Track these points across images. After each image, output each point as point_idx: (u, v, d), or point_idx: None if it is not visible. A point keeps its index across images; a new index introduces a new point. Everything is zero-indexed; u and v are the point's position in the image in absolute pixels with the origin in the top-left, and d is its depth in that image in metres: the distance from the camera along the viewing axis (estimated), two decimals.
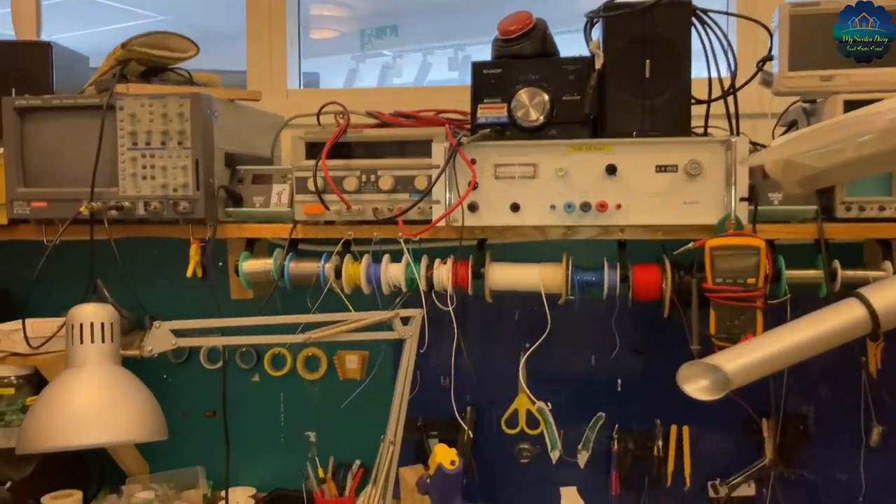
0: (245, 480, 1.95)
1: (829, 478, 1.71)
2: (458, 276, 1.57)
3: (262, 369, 1.93)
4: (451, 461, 1.63)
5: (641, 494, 1.78)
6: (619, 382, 1.79)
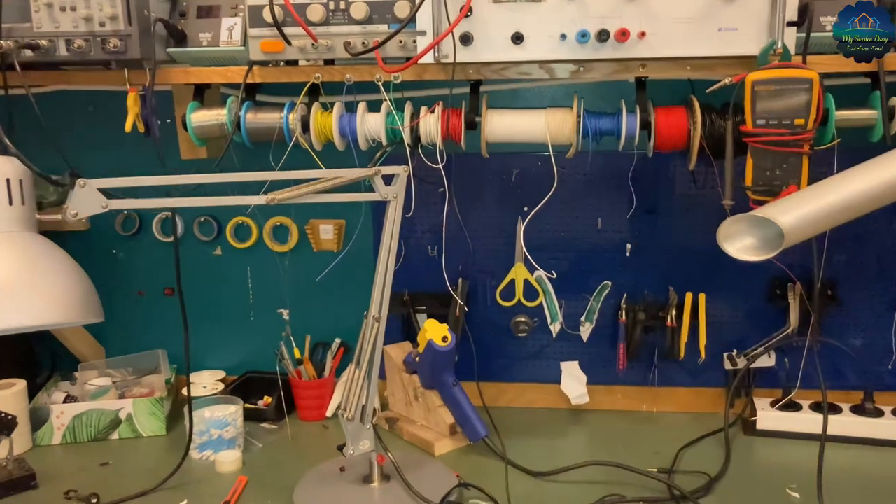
0: (213, 363, 1.77)
1: (856, 345, 1.56)
2: (450, 125, 1.33)
3: (225, 241, 1.70)
4: (442, 337, 1.45)
5: (651, 369, 1.63)
6: (629, 248, 1.59)
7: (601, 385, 1.66)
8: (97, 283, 1.73)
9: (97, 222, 1.72)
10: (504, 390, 1.70)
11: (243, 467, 1.45)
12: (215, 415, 1.50)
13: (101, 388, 1.62)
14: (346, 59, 1.30)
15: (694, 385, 1.64)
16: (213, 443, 1.48)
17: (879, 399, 1.52)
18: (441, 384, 1.49)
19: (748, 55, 1.21)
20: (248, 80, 1.35)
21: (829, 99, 1.25)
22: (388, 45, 1.27)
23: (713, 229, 1.20)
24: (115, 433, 1.57)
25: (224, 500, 1.31)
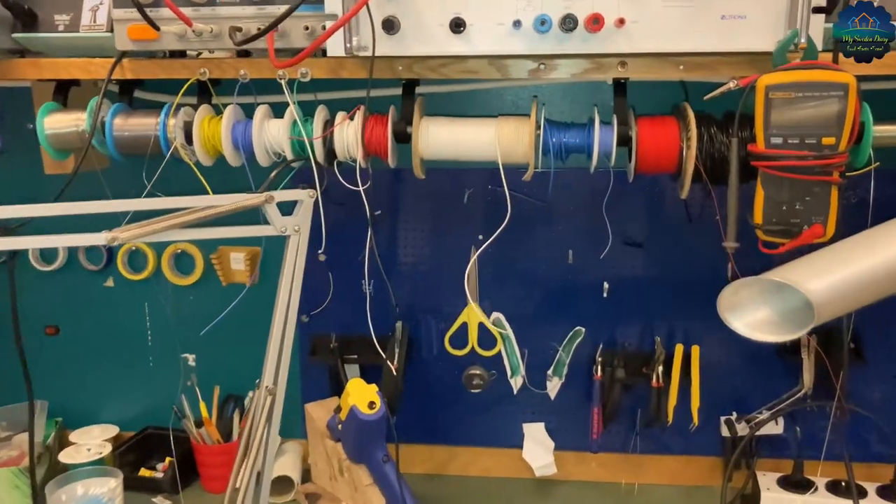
0: (106, 417, 1.47)
1: (885, 413, 1.27)
2: (373, 137, 1.03)
3: (116, 271, 1.40)
4: (368, 402, 1.15)
5: (632, 436, 1.34)
6: (606, 287, 1.30)
7: (572, 451, 1.37)
8: None
9: None
10: (455, 455, 1.40)
11: None
12: (88, 491, 1.20)
13: None
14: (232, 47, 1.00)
15: (684, 453, 1.36)
16: None
17: None
18: (369, 458, 1.19)
19: (761, 51, 0.92)
20: (117, 75, 1.05)
21: (865, 110, 0.95)
22: (292, 34, 0.98)
23: (710, 268, 0.91)
24: None
25: None
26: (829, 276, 0.69)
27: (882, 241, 0.72)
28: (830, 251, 0.75)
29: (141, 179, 1.08)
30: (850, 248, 0.73)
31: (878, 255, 0.70)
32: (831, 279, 0.69)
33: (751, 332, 0.72)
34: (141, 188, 1.07)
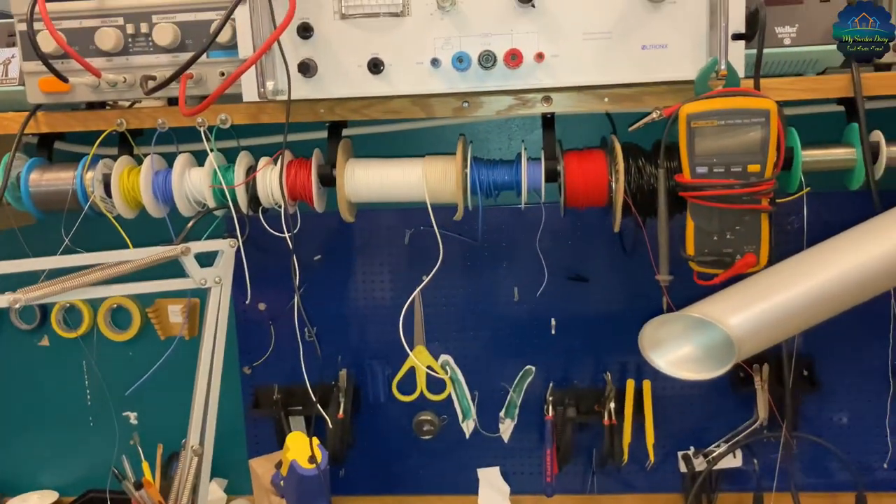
0: (45, 481, 1.41)
1: (842, 440, 1.24)
2: (297, 182, 1.00)
3: (51, 330, 1.35)
4: (308, 457, 1.11)
5: (588, 475, 1.30)
6: (554, 323, 1.27)
7: (528, 495, 1.33)
8: None
9: None
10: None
11: None
12: None
13: None
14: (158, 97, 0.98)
15: (644, 491, 1.32)
16: None
17: (874, 501, 1.20)
18: None
19: (684, 80, 0.90)
20: (32, 129, 1.01)
21: (792, 135, 0.94)
22: (208, 80, 0.95)
23: (653, 300, 0.89)
24: None
25: None
26: (749, 310, 0.66)
27: (801, 271, 0.70)
28: (751, 283, 0.72)
29: (61, 235, 1.05)
30: (769, 280, 0.71)
31: (798, 285, 0.68)
32: (751, 313, 0.66)
33: (673, 371, 0.69)
34: (61, 244, 1.03)
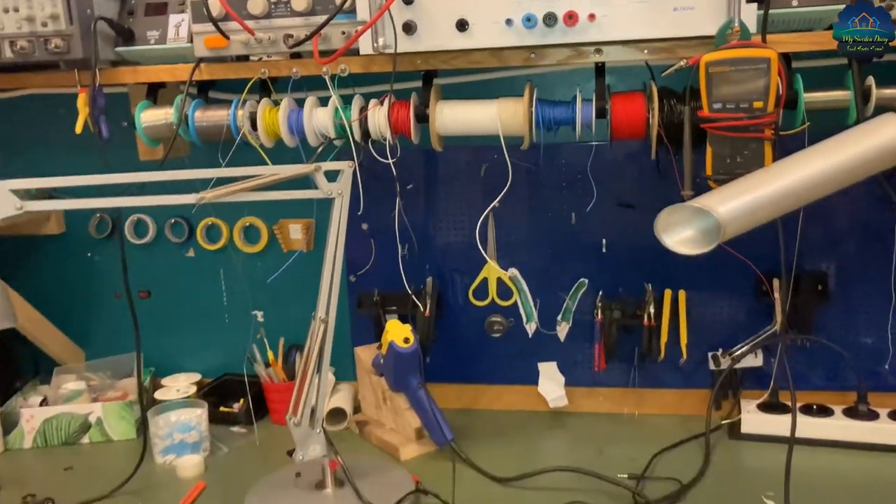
0: (190, 366, 1.75)
1: (849, 344, 1.46)
2: (399, 118, 1.28)
3: (196, 243, 1.68)
4: (404, 339, 1.40)
5: (631, 369, 1.55)
6: (605, 243, 1.52)
7: (581, 387, 1.59)
8: (75, 286, 1.76)
9: (72, 226, 1.72)
10: (482, 392, 1.64)
11: (205, 472, 1.42)
12: (180, 418, 1.48)
13: (73, 391, 1.61)
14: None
15: (679, 387, 1.56)
16: (176, 447, 1.46)
17: (875, 400, 1.42)
18: (406, 386, 1.44)
19: (707, 35, 1.13)
20: (196, 77, 1.32)
21: (797, 80, 1.16)
22: (332, 38, 1.23)
23: None
24: (85, 437, 1.57)
25: None
26: (735, 201, 0.90)
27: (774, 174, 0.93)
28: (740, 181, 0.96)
29: (217, 161, 1.35)
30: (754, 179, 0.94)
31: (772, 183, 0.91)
32: (735, 202, 0.90)
33: (676, 247, 0.93)
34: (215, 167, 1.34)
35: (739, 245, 1.40)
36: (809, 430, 1.40)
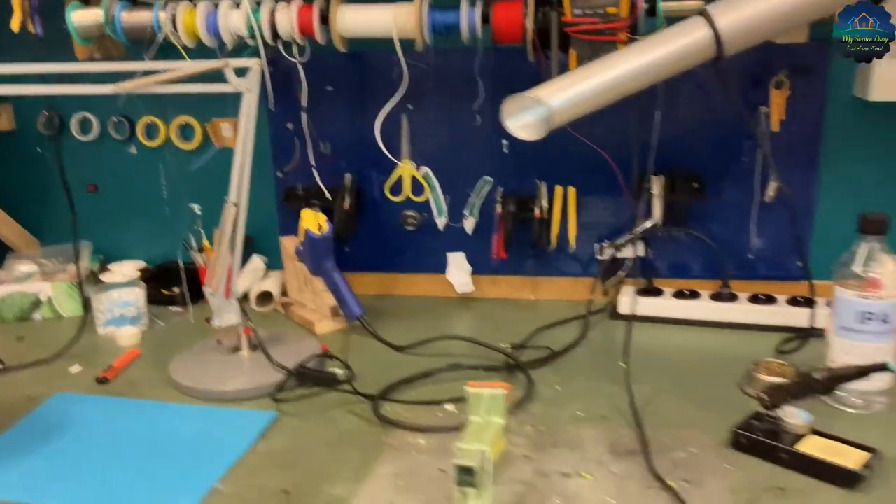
0: (134, 254, 1.91)
1: (718, 236, 1.63)
2: (304, 20, 1.40)
3: (138, 140, 1.82)
4: (317, 226, 1.56)
5: (528, 259, 1.72)
6: (505, 144, 1.67)
7: (486, 275, 1.76)
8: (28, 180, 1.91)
9: (22, 123, 1.86)
10: (398, 280, 1.81)
11: (141, 342, 1.60)
12: (121, 296, 1.65)
13: (26, 273, 1.78)
14: None
15: (573, 275, 1.73)
16: (117, 320, 1.63)
17: (739, 286, 1.60)
18: (321, 269, 1.61)
19: None
20: None
21: None
22: None
23: (581, 128, 1.26)
24: (37, 314, 1.74)
25: (109, 366, 1.46)
26: (564, 92, 1.04)
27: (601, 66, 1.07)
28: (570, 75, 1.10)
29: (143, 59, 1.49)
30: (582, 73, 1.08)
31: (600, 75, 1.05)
32: (564, 94, 1.04)
33: (517, 132, 1.08)
34: None
35: (624, 146, 1.57)
36: (680, 311, 1.59)
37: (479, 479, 0.88)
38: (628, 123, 1.54)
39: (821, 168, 1.57)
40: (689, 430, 1.18)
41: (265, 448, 1.18)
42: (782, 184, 1.56)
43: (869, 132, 1.53)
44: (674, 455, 1.11)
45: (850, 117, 1.53)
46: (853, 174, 1.56)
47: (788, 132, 1.55)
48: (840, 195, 1.57)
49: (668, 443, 1.14)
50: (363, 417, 1.26)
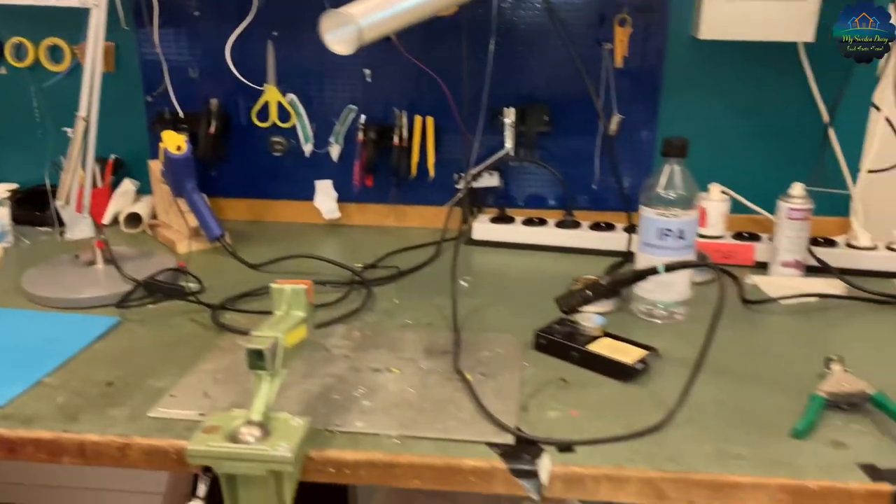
0: (9, 177, 1.92)
1: (566, 166, 1.72)
2: None
3: (6, 61, 1.82)
4: (176, 146, 1.60)
5: (391, 190, 1.79)
6: (368, 72, 1.73)
7: (354, 203, 1.83)
8: None
9: None
10: (268, 207, 1.86)
11: (3, 257, 1.63)
12: None
13: None
14: None
15: (436, 203, 1.81)
16: None
17: (583, 216, 1.70)
18: (183, 190, 1.65)
19: None
20: None
21: None
22: None
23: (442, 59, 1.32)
24: None
25: None
26: (371, 13, 1.10)
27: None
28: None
29: None
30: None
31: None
32: (372, 15, 1.10)
33: (332, 46, 1.14)
34: None
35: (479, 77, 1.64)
36: (527, 237, 1.68)
37: (269, 362, 0.95)
38: (462, 54, 1.62)
39: (661, 102, 1.67)
40: (503, 334, 1.27)
41: (101, 348, 1.24)
42: (624, 117, 1.65)
43: (704, 68, 1.63)
44: (481, 354, 1.21)
45: (687, 54, 1.63)
46: (691, 107, 1.66)
47: (631, 68, 1.64)
48: (679, 127, 1.66)
49: (480, 344, 1.24)
50: (202, 324, 1.32)
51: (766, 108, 1.65)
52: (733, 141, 1.67)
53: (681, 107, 1.66)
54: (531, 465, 0.93)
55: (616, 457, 0.94)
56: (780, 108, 1.64)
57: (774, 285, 1.44)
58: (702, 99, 1.66)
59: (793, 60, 1.59)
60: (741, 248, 1.56)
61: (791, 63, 1.60)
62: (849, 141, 1.62)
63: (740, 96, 1.65)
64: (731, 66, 1.63)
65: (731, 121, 1.66)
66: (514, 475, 0.93)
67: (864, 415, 1.03)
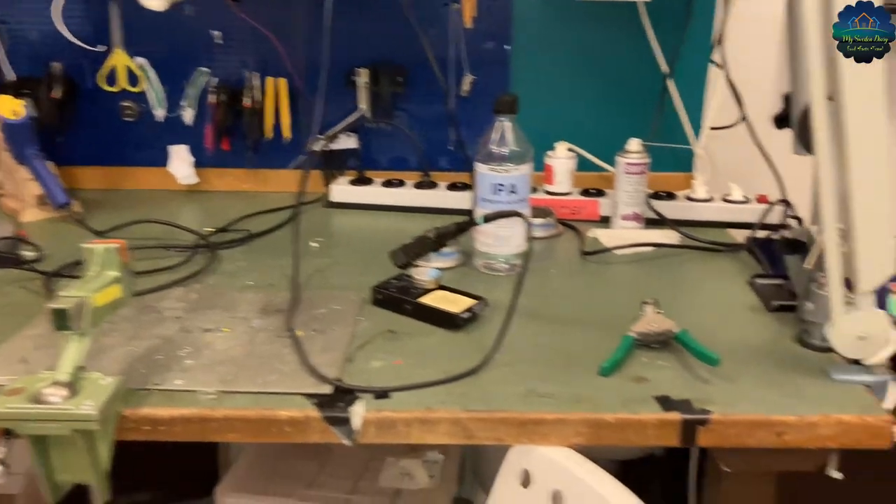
0: None
1: (424, 127, 1.74)
2: None
3: None
4: (13, 111, 1.54)
5: (248, 152, 1.76)
6: (217, 34, 1.69)
7: (213, 168, 1.80)
8: None
9: None
10: (123, 174, 1.81)
11: None
12: None
13: None
14: None
15: (296, 167, 1.80)
16: None
17: (440, 177, 1.72)
18: (24, 157, 1.59)
19: None
20: None
21: None
22: None
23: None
24: None
25: None
26: None
27: None
28: None
29: None
30: None
31: None
32: None
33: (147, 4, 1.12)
34: None
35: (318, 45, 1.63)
36: (386, 198, 1.69)
37: (75, 322, 0.93)
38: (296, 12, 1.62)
39: (511, 61, 1.69)
40: (343, 291, 1.28)
41: None
42: (476, 77, 1.68)
43: (552, 27, 1.67)
44: (317, 311, 1.21)
45: (534, 12, 1.66)
46: (540, 66, 1.70)
47: (480, 28, 1.66)
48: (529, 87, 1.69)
49: (318, 302, 1.24)
50: (34, 292, 1.28)
51: (611, 66, 1.70)
52: (581, 99, 1.72)
53: (530, 65, 1.69)
54: (344, 413, 0.94)
55: (431, 401, 0.96)
56: (624, 66, 1.69)
57: (614, 237, 1.50)
58: (550, 58, 1.69)
59: (635, 19, 1.64)
60: (587, 204, 1.61)
61: (633, 21, 1.65)
62: (691, 98, 1.69)
63: (587, 55, 1.69)
64: (576, 24, 1.66)
65: (579, 80, 1.71)
66: (328, 423, 0.94)
67: (670, 352, 1.08)
